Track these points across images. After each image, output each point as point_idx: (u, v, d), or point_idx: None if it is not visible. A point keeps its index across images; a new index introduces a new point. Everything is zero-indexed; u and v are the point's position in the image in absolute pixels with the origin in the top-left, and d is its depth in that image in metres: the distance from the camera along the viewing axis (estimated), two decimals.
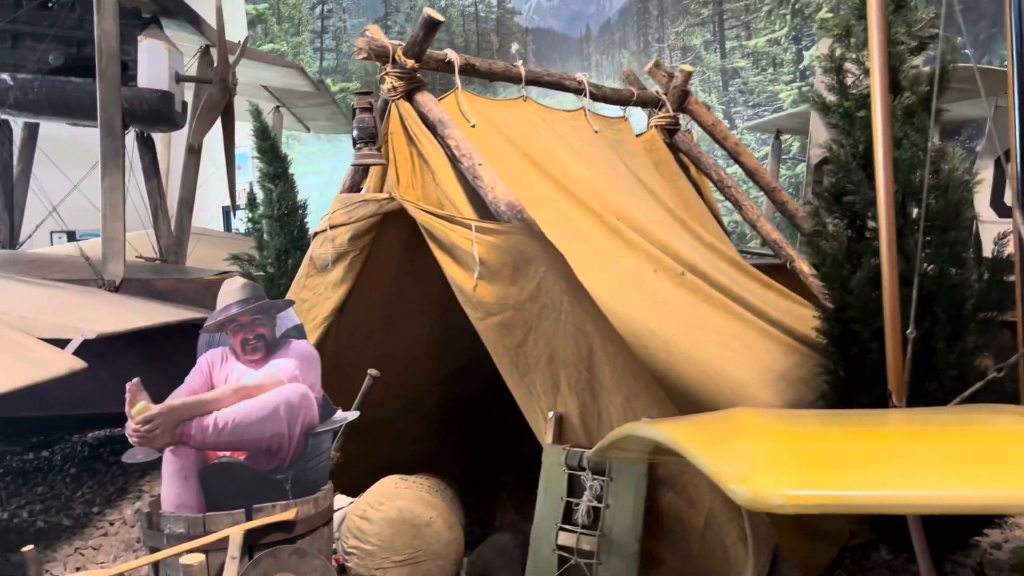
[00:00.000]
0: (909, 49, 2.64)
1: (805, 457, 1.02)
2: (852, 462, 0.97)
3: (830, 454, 1.03)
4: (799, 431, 1.11)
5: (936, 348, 2.55)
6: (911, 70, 2.70)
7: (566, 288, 2.75)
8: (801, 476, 0.95)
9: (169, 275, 5.57)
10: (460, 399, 4.47)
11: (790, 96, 7.92)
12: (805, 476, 0.95)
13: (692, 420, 1.44)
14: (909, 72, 2.70)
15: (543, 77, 3.68)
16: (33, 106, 5.33)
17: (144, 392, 3.00)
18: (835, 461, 1.00)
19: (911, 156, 2.57)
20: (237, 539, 2.22)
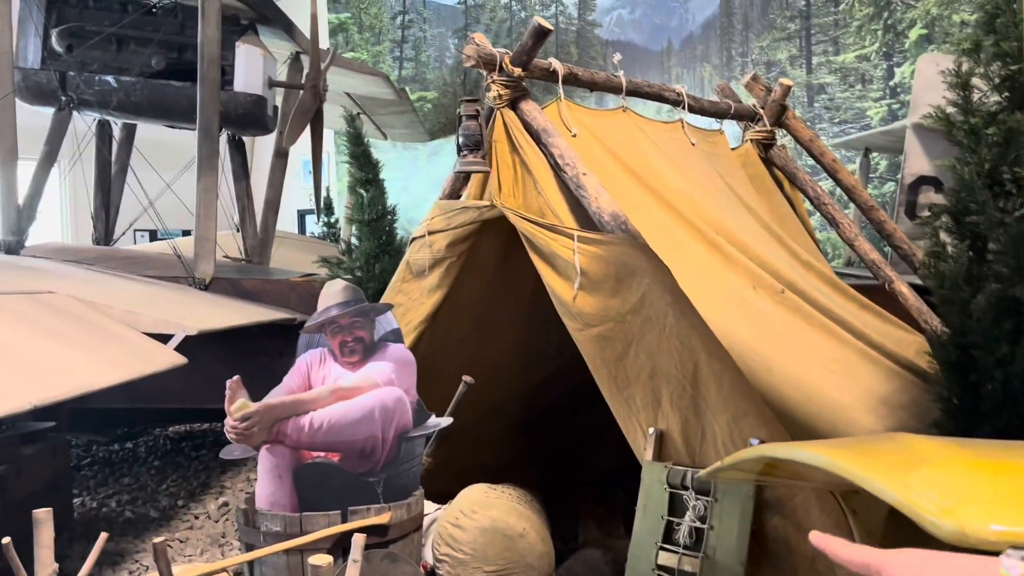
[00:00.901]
0: None
1: (1007, 490, 0.95)
2: None
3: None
4: (990, 462, 1.05)
5: None
6: None
7: (671, 301, 2.69)
8: (1009, 510, 0.89)
9: (255, 275, 5.68)
10: (540, 409, 4.45)
11: (879, 113, 7.72)
12: (1013, 510, 0.89)
13: (846, 444, 1.37)
14: None
15: (643, 88, 3.64)
16: (135, 108, 5.51)
17: (244, 390, 3.04)
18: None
19: None
20: (360, 542, 2.23)
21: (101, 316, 3.13)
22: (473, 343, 3.72)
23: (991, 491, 0.95)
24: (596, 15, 9.61)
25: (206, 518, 4.39)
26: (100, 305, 3.25)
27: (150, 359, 2.93)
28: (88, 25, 5.45)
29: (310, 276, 5.65)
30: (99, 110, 5.61)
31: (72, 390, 2.33)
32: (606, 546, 3.29)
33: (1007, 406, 2.56)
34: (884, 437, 1.42)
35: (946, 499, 0.91)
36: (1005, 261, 2.62)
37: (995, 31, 2.64)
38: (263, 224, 6.46)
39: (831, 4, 8.00)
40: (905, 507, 0.95)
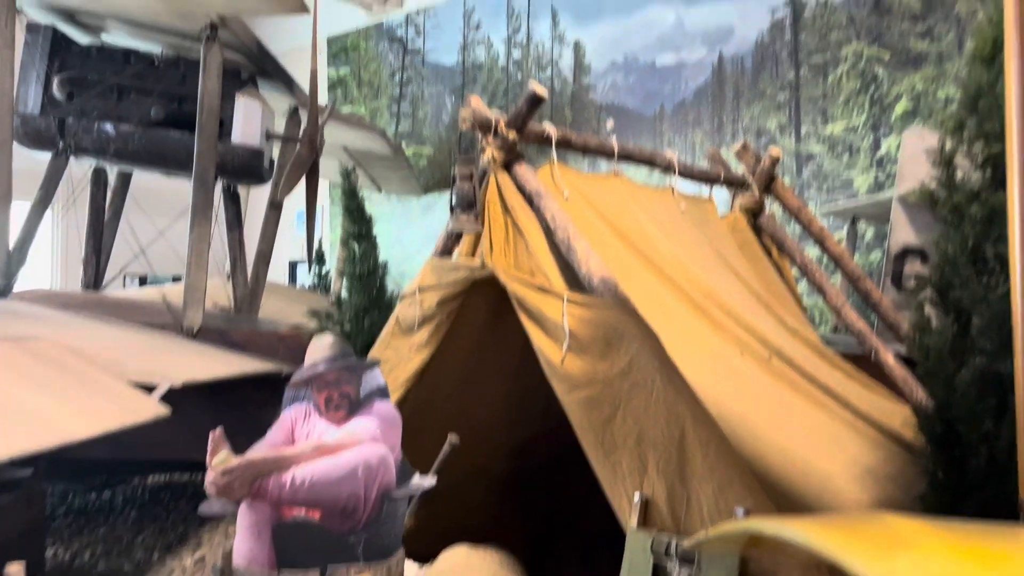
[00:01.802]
0: None
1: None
2: None
3: None
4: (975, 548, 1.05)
5: None
6: None
7: (659, 367, 2.70)
8: None
9: (243, 326, 5.67)
10: (525, 469, 4.41)
11: (866, 183, 7.85)
12: None
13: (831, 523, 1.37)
14: None
15: (635, 153, 3.71)
16: (132, 156, 5.56)
17: (226, 443, 3.02)
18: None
19: None
20: None
21: (86, 364, 3.11)
22: (459, 401, 3.71)
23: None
24: (591, 79, 9.81)
25: (181, 573, 4.30)
26: (86, 353, 3.23)
27: (134, 410, 2.91)
28: (90, 74, 5.53)
29: (299, 328, 5.63)
30: (96, 157, 5.65)
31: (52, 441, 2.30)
32: None
33: (992, 482, 2.56)
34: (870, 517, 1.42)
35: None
36: (989, 336, 2.65)
37: (977, 112, 2.72)
38: (254, 275, 6.46)
39: (820, 77, 8.19)
40: None
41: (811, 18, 8.24)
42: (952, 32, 7.36)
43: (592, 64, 9.85)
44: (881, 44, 7.78)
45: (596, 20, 9.81)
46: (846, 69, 8.03)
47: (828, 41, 8.13)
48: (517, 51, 10.55)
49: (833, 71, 8.08)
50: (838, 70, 8.07)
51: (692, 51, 9.09)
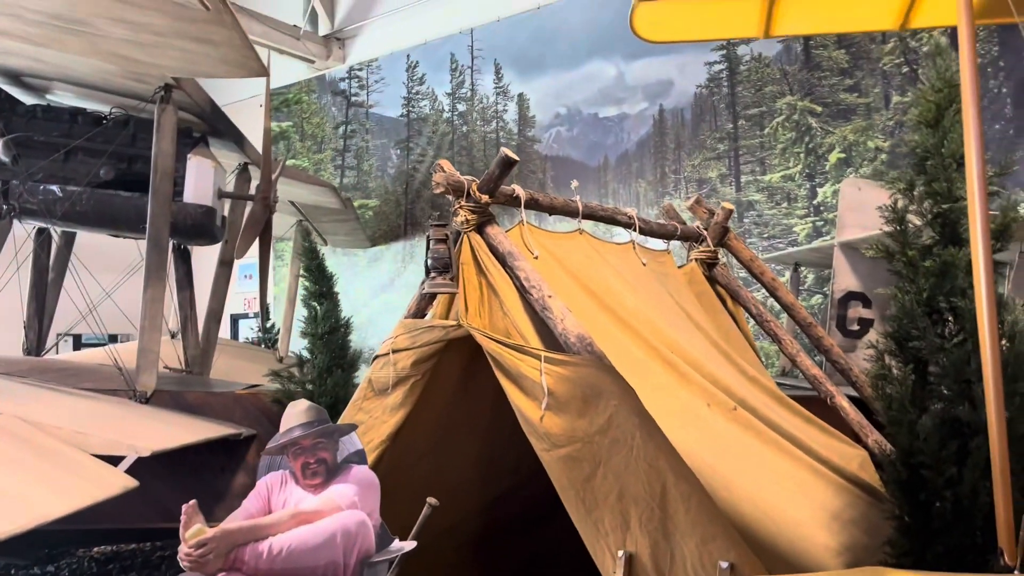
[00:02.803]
0: None
1: None
2: None
3: None
4: None
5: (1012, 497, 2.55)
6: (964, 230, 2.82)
7: (638, 423, 2.76)
8: None
9: (198, 388, 5.55)
10: (495, 527, 4.40)
11: (804, 230, 8.15)
12: None
13: None
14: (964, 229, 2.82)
15: (598, 212, 3.82)
16: (80, 217, 5.44)
17: (200, 515, 2.96)
18: None
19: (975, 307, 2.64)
20: None
21: (50, 439, 3.02)
22: (433, 460, 3.71)
23: None
24: (536, 131, 10.01)
25: None
26: (47, 426, 3.14)
27: (102, 484, 2.83)
28: (36, 135, 5.42)
29: (255, 388, 5.54)
30: (42, 219, 5.52)
31: (28, 522, 2.23)
32: None
33: (958, 525, 2.68)
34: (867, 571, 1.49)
35: None
36: (947, 384, 2.79)
37: (926, 172, 2.90)
38: (205, 334, 6.35)
39: (756, 128, 8.53)
40: None
41: (746, 72, 8.60)
42: (879, 86, 7.76)
43: (536, 116, 10.06)
44: (813, 97, 8.16)
45: (539, 74, 10.05)
46: (781, 120, 8.38)
47: (763, 94, 8.48)
48: (462, 104, 10.72)
49: (769, 122, 8.42)
50: (774, 121, 8.41)
51: (633, 104, 9.37)
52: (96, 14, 3.61)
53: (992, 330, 2.04)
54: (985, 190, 2.07)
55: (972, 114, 2.07)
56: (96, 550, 6.20)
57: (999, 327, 2.72)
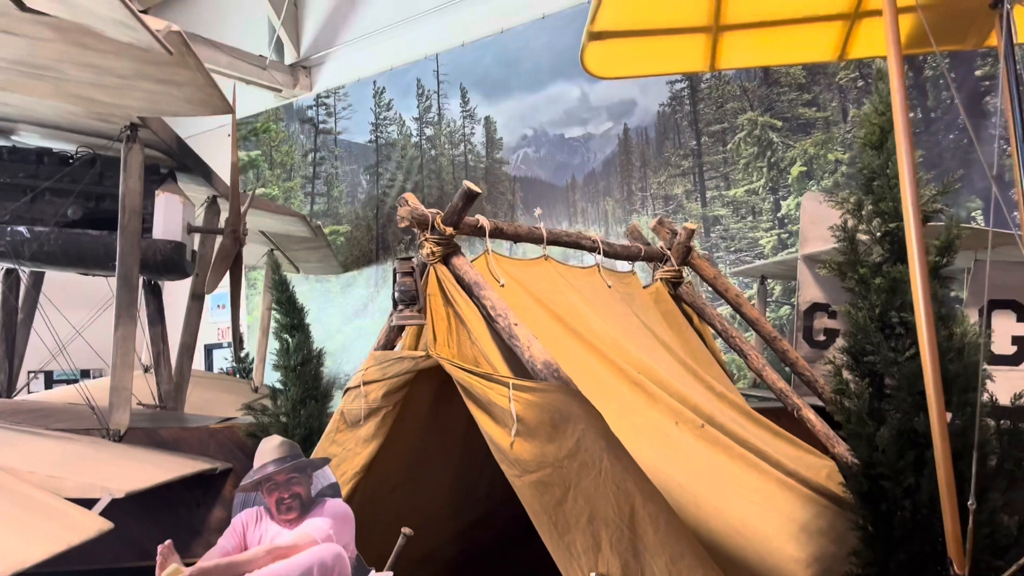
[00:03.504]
0: None
1: None
2: None
3: None
4: None
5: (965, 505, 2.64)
6: None
7: (605, 446, 2.83)
8: None
9: (171, 424, 5.53)
10: (470, 553, 4.43)
11: (770, 242, 8.30)
12: None
13: None
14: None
15: (562, 237, 3.90)
16: (49, 258, 5.44)
17: (175, 555, 2.98)
18: None
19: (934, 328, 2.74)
20: None
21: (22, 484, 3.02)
22: (407, 489, 3.75)
23: None
24: (503, 153, 10.11)
25: None
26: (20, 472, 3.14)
27: (77, 528, 2.84)
28: (2, 177, 5.42)
29: (229, 421, 5.53)
30: (10, 260, 5.50)
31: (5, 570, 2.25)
32: None
33: (918, 533, 2.76)
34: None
35: None
36: (902, 397, 2.89)
37: (872, 192, 3.01)
38: (178, 368, 6.34)
39: (719, 144, 8.68)
40: None
41: (707, 89, 8.76)
42: (836, 100, 7.95)
43: (504, 138, 10.16)
44: (773, 112, 8.33)
45: (505, 97, 10.16)
46: (743, 136, 8.54)
47: (724, 111, 8.64)
48: (429, 128, 10.80)
49: (731, 138, 8.58)
50: (736, 137, 8.57)
51: (598, 124, 9.50)
52: (60, 59, 3.64)
53: (932, 345, 2.13)
54: (919, 215, 2.18)
55: (904, 140, 2.17)
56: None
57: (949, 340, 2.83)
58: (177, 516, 5.01)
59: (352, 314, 11.29)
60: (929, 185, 3.00)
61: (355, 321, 11.20)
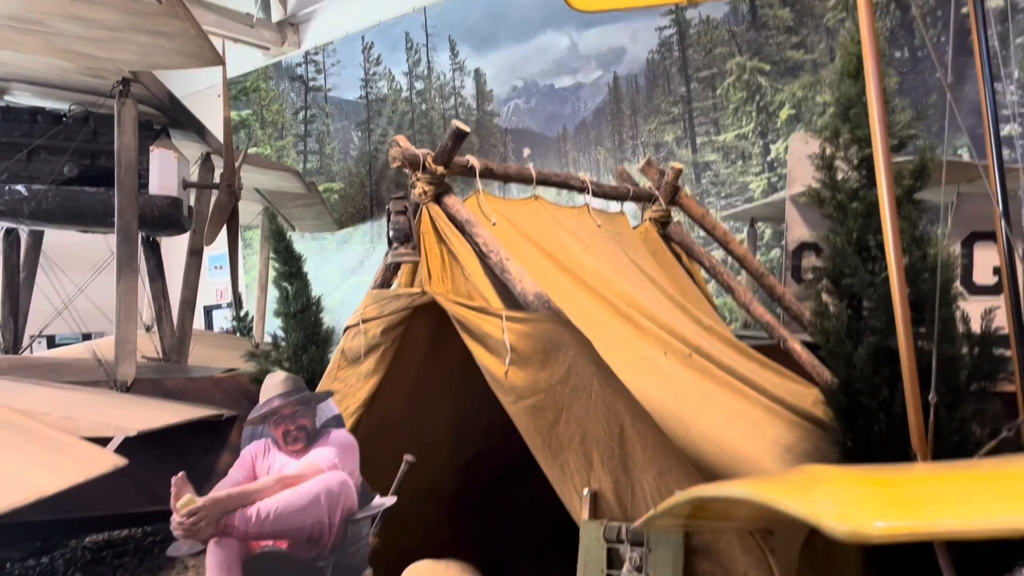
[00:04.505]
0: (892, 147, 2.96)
1: (890, 496, 1.22)
2: (935, 496, 1.18)
3: (911, 493, 1.23)
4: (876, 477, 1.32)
5: (939, 416, 2.78)
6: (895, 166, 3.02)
7: (595, 371, 2.96)
8: (891, 510, 1.15)
9: (176, 374, 5.67)
10: (471, 488, 4.59)
11: (760, 186, 8.38)
12: (895, 510, 1.16)
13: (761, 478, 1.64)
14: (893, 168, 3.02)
15: (551, 178, 3.99)
16: (47, 216, 5.52)
17: (189, 485, 3.11)
18: (918, 498, 1.20)
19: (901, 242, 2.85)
20: None
21: (39, 424, 3.15)
22: (408, 425, 3.88)
23: (876, 497, 1.22)
24: (494, 105, 10.13)
25: None
26: (36, 413, 3.26)
27: (94, 463, 2.97)
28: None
29: (233, 371, 5.67)
30: (9, 219, 5.59)
31: (28, 497, 2.38)
32: None
33: (893, 445, 2.91)
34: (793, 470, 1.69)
35: (840, 506, 1.17)
36: (878, 317, 3.02)
37: (849, 120, 3.10)
38: (180, 323, 6.46)
39: (709, 89, 8.71)
40: (809, 517, 1.20)
41: (696, 35, 8.76)
42: (824, 42, 7.97)
43: (494, 90, 10.17)
44: (761, 56, 8.35)
45: (493, 48, 10.15)
46: (732, 81, 8.56)
47: (713, 56, 8.66)
48: (419, 82, 10.80)
49: (720, 83, 8.61)
50: (725, 82, 8.60)
51: (588, 73, 9.51)
52: (50, 12, 3.69)
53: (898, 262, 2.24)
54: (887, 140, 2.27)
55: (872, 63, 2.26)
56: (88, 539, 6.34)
57: (923, 260, 2.95)
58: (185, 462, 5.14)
59: (349, 271, 11.39)
60: (905, 111, 3.10)
61: (352, 278, 11.30)
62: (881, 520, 1.12)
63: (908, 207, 2.92)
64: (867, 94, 2.35)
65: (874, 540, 1.11)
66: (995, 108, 2.60)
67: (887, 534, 1.10)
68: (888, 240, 2.31)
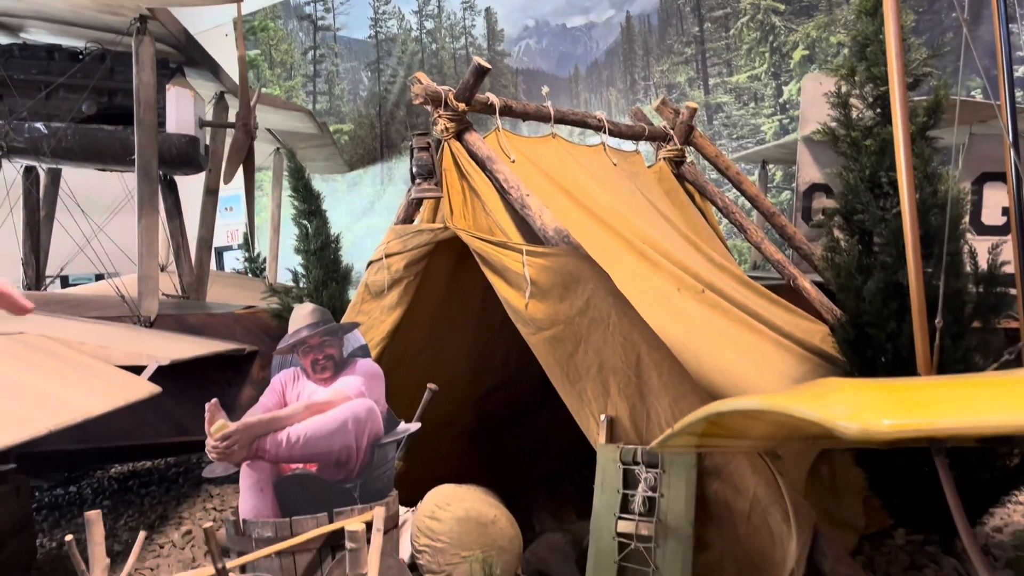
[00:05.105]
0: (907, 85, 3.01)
1: (897, 399, 1.33)
2: (935, 399, 1.29)
3: (916, 397, 1.34)
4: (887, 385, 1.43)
5: (944, 346, 2.89)
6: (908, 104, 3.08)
7: (613, 303, 3.06)
8: (897, 411, 1.26)
9: (197, 310, 5.81)
10: (489, 419, 4.75)
11: (772, 128, 8.39)
12: (899, 411, 1.27)
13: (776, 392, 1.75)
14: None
15: (569, 116, 4.03)
16: (67, 153, 5.59)
17: (222, 411, 3.26)
18: (922, 400, 1.31)
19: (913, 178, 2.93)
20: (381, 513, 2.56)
21: (76, 352, 3.28)
22: (429, 356, 4.01)
23: (885, 400, 1.33)
24: (505, 45, 10.07)
25: (171, 547, 4.51)
26: (72, 342, 3.39)
27: (132, 389, 3.11)
28: (15, 74, 5.52)
29: (252, 308, 5.80)
30: (30, 157, 5.66)
31: (77, 416, 2.51)
32: (564, 530, 3.62)
33: (899, 375, 3.02)
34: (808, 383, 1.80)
35: (851, 408, 1.28)
36: (888, 252, 3.10)
37: (866, 58, 3.14)
38: (198, 261, 6.57)
39: (722, 30, 8.65)
40: (824, 420, 1.31)
41: None
42: None
43: (505, 30, 10.09)
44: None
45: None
46: (746, 21, 8.50)
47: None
48: (429, 22, 10.71)
49: (734, 23, 8.55)
50: (738, 22, 8.54)
51: (600, 12, 9.43)
52: None
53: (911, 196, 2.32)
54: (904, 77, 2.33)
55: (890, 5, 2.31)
56: (114, 470, 6.57)
57: (933, 196, 3.03)
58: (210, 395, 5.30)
59: (360, 212, 11.45)
60: (920, 50, 3.14)
61: (363, 220, 11.37)
62: (888, 419, 1.23)
63: (921, 144, 2.99)
64: (885, 31, 2.40)
65: (882, 436, 1.22)
66: (1009, 49, 2.64)
67: (894, 430, 1.21)
68: (902, 175, 2.38)
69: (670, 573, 2.72)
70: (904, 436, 1.22)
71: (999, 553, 3.40)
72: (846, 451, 3.26)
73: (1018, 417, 1.18)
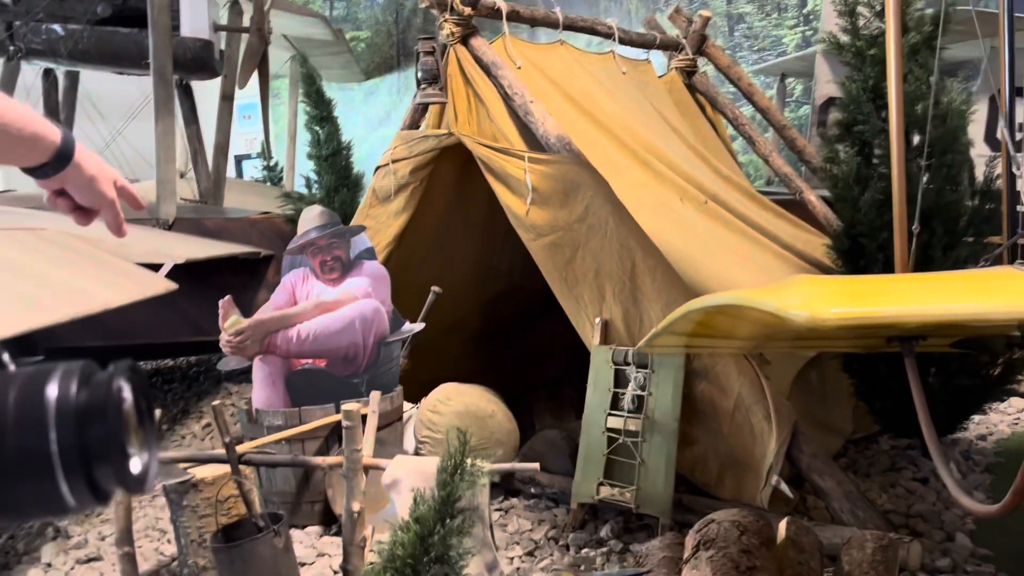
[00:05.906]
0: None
1: (850, 292, 1.42)
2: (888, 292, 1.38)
3: (868, 290, 1.43)
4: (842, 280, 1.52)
5: (934, 257, 2.96)
6: (916, 12, 3.06)
7: (611, 211, 3.14)
8: (846, 301, 1.36)
9: (215, 215, 5.93)
10: (493, 324, 4.89)
11: (794, 40, 8.21)
12: (849, 301, 1.36)
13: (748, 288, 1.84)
14: (914, 14, 3.06)
15: (577, 23, 4.02)
16: (83, 56, 5.63)
17: (235, 308, 3.41)
18: (874, 293, 1.40)
19: (915, 89, 2.94)
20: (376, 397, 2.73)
21: (95, 248, 3.41)
22: (435, 262, 4.12)
23: (838, 292, 1.42)
24: None
25: (192, 437, 4.76)
26: (91, 239, 3.52)
27: (150, 284, 3.25)
28: None
29: (268, 214, 5.91)
30: (48, 59, 5.71)
31: (97, 306, 2.65)
32: (560, 428, 3.79)
33: None
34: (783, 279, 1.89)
35: (804, 299, 1.38)
36: (887, 163, 3.12)
37: None
38: (214, 167, 6.65)
39: None
40: (777, 310, 1.41)
41: None
42: None
43: None
44: None
45: None
46: None
47: None
48: None
49: None
50: None
51: None
52: None
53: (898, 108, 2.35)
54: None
55: None
56: None
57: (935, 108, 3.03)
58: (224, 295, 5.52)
59: (376, 122, 11.40)
60: None
61: (379, 130, 11.32)
62: (836, 308, 1.32)
63: (925, 54, 2.98)
64: None
65: (829, 323, 1.32)
66: None
67: (840, 317, 1.31)
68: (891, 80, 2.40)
69: (655, 466, 2.87)
70: (850, 323, 1.31)
71: (979, 459, 3.53)
72: (835, 358, 3.36)
73: (961, 308, 1.27)
